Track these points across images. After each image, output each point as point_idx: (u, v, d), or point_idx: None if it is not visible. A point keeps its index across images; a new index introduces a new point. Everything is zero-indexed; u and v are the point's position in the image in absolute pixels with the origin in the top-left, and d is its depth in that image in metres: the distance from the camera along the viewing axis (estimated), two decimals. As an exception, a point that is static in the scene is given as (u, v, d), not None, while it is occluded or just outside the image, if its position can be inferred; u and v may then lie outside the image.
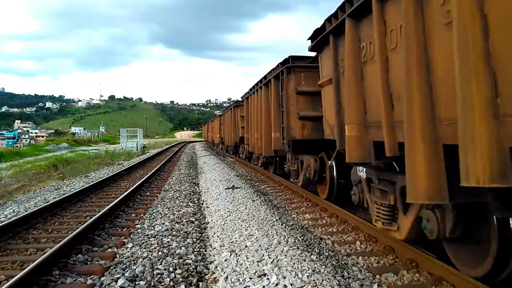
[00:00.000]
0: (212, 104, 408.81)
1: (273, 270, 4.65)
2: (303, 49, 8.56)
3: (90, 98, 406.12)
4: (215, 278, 4.72)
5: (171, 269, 4.92)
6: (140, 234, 6.79)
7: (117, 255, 5.65)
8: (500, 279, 3.96)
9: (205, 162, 22.35)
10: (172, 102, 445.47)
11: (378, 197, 5.26)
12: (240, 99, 19.95)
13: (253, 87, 14.72)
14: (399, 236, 4.88)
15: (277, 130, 10.74)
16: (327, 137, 6.95)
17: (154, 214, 8.40)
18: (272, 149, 11.65)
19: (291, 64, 9.62)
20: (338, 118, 5.92)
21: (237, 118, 21.36)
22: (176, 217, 7.98)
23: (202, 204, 9.80)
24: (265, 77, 12.36)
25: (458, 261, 4.41)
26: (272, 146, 11.39)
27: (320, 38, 6.63)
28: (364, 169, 5.73)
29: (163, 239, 6.34)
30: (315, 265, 4.78)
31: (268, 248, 5.52)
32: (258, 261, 5.01)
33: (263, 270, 4.68)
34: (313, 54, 8.13)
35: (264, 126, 12.18)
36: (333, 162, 8.22)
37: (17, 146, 67.11)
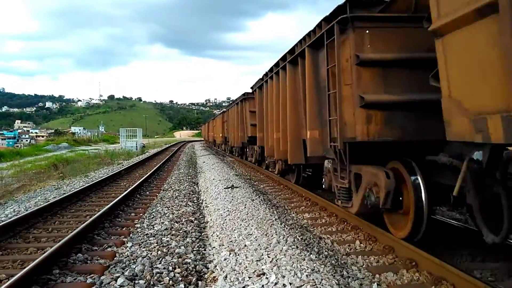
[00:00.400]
0: (211, 104, 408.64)
1: (272, 269, 4.66)
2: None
3: (90, 98, 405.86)
4: (214, 277, 4.73)
5: (170, 268, 4.93)
6: (139, 233, 6.80)
7: (117, 254, 5.66)
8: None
9: (204, 162, 22.36)
10: (171, 101, 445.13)
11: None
12: (250, 90, 16.40)
13: (271, 69, 11.38)
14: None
15: (316, 126, 7.60)
16: (455, 137, 3.92)
17: (153, 213, 8.41)
18: (302, 156, 8.87)
19: (350, 15, 5.75)
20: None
21: (245, 114, 18.45)
22: (176, 216, 7.99)
23: (202, 203, 9.80)
24: (291, 51, 9.12)
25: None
26: (304, 151, 8.61)
27: None
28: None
29: (163, 238, 6.35)
30: (314, 264, 4.79)
31: (267, 248, 5.53)
32: (257, 260, 5.02)
33: (262, 269, 4.69)
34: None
35: (290, 122, 9.15)
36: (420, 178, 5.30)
37: (18, 146, 67.09)
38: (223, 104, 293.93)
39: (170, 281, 4.55)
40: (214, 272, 4.87)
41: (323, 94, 7.08)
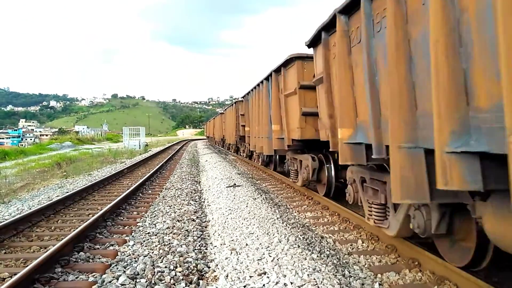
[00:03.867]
0: (214, 102, 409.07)
1: (273, 268, 4.66)
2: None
3: (94, 97, 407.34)
4: (216, 276, 4.73)
5: (171, 267, 4.93)
6: (141, 232, 6.81)
7: (119, 253, 5.67)
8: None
9: (206, 160, 22.36)
10: (174, 100, 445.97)
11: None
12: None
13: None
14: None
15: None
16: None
17: (155, 212, 8.42)
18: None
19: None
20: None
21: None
22: (178, 215, 7.99)
23: (204, 202, 9.81)
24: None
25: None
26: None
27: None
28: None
29: (164, 237, 6.36)
30: (316, 264, 4.78)
31: (268, 247, 5.53)
32: (258, 260, 5.02)
33: (264, 268, 4.69)
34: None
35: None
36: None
37: (22, 145, 67.27)
38: (226, 102, 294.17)
39: (172, 280, 4.56)
40: (215, 271, 4.87)
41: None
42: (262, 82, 12.42)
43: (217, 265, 5.08)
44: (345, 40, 5.21)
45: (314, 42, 6.97)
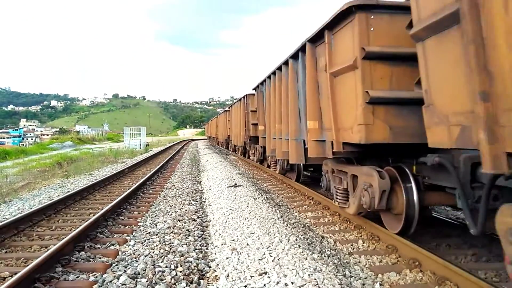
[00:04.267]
0: (215, 102, 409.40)
1: (274, 268, 4.66)
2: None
3: (94, 97, 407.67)
4: (216, 276, 4.72)
5: (172, 266, 4.92)
6: (142, 232, 6.81)
7: (119, 253, 5.67)
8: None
9: (207, 160, 22.36)
10: (175, 100, 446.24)
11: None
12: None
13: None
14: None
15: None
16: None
17: (156, 212, 8.42)
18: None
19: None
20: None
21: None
22: (178, 214, 7.99)
23: (204, 202, 9.80)
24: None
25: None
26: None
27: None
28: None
29: (165, 236, 6.36)
30: (317, 264, 4.78)
31: (269, 247, 5.53)
32: (259, 259, 5.02)
33: (264, 268, 4.69)
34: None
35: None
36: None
37: (23, 144, 67.34)
38: (227, 102, 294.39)
39: (172, 280, 4.55)
40: (216, 271, 4.87)
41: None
42: (285, 63, 9.24)
43: (218, 265, 5.07)
44: None
45: None
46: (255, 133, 16.58)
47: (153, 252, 5.58)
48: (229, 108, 27.34)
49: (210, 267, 5.07)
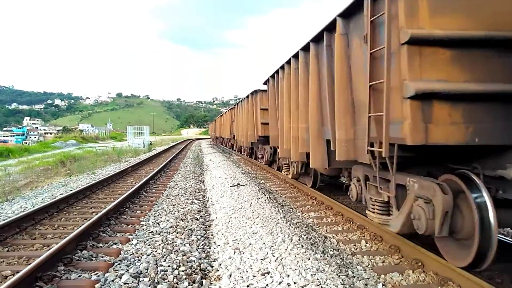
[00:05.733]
0: (218, 102, 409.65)
1: (276, 268, 4.64)
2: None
3: (98, 96, 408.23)
4: (219, 275, 4.71)
5: (175, 266, 4.92)
6: (145, 231, 6.81)
7: (122, 252, 5.67)
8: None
9: (211, 160, 22.36)
10: (178, 99, 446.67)
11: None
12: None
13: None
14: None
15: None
16: None
17: (159, 211, 8.41)
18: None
19: None
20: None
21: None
22: (181, 214, 7.99)
23: (207, 201, 9.80)
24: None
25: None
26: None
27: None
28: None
29: (168, 236, 6.35)
30: (319, 264, 4.76)
31: (272, 246, 5.51)
32: (262, 259, 5.01)
33: (267, 268, 4.68)
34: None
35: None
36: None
37: (26, 143, 67.51)
38: (230, 102, 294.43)
39: (175, 279, 4.55)
40: (218, 271, 4.86)
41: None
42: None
43: (220, 264, 5.06)
44: None
45: None
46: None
47: (156, 251, 5.58)
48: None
49: (212, 266, 5.06)
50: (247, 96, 18.59)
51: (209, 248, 5.90)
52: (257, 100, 16.60)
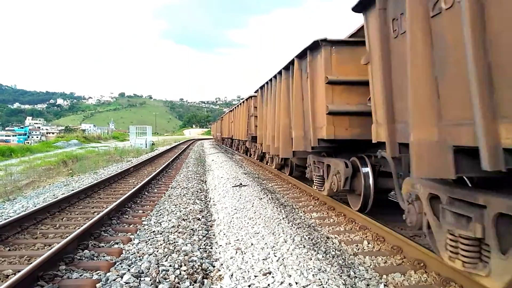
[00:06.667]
0: (221, 102, 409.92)
1: (278, 268, 4.63)
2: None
3: (101, 95, 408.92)
4: (220, 275, 4.70)
5: (176, 265, 4.91)
6: (146, 231, 6.80)
7: (123, 251, 5.66)
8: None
9: (213, 160, 22.36)
10: (181, 99, 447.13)
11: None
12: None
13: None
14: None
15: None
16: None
17: (161, 211, 8.40)
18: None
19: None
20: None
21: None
22: (183, 214, 7.98)
23: (209, 201, 9.79)
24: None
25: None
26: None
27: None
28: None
29: (170, 236, 6.34)
30: (321, 264, 4.75)
31: (274, 246, 5.50)
32: (263, 259, 4.99)
33: (269, 268, 4.66)
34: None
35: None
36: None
37: (28, 143, 67.72)
38: (233, 102, 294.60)
39: (176, 279, 4.53)
40: (220, 271, 4.85)
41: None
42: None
43: (222, 264, 5.05)
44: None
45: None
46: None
47: (157, 251, 5.57)
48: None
49: (214, 266, 5.05)
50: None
51: (211, 248, 5.89)
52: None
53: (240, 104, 23.05)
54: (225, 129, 34.01)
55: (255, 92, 16.28)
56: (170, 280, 4.50)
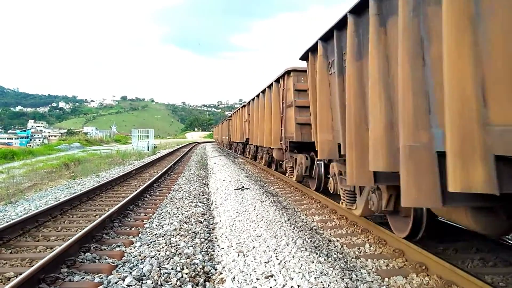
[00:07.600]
0: (223, 105, 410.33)
1: (280, 271, 4.62)
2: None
3: (103, 99, 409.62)
4: (222, 278, 4.70)
5: (178, 268, 4.90)
6: (148, 234, 6.80)
7: (125, 254, 5.66)
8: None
9: (215, 163, 22.35)
10: (183, 102, 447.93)
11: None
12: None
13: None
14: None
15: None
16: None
17: (163, 213, 8.41)
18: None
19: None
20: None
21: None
22: (185, 217, 7.97)
23: (211, 204, 9.79)
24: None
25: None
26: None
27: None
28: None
29: (171, 238, 6.34)
30: (323, 267, 4.74)
31: (276, 249, 5.49)
32: (265, 262, 4.99)
33: (271, 271, 4.66)
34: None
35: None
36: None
37: (30, 145, 67.75)
38: (235, 106, 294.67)
39: (178, 282, 4.53)
40: (222, 274, 4.84)
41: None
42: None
43: (224, 267, 5.05)
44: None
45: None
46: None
47: (159, 254, 5.56)
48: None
49: (216, 269, 5.04)
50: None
51: (213, 251, 5.88)
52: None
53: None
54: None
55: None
56: (172, 283, 4.50)
